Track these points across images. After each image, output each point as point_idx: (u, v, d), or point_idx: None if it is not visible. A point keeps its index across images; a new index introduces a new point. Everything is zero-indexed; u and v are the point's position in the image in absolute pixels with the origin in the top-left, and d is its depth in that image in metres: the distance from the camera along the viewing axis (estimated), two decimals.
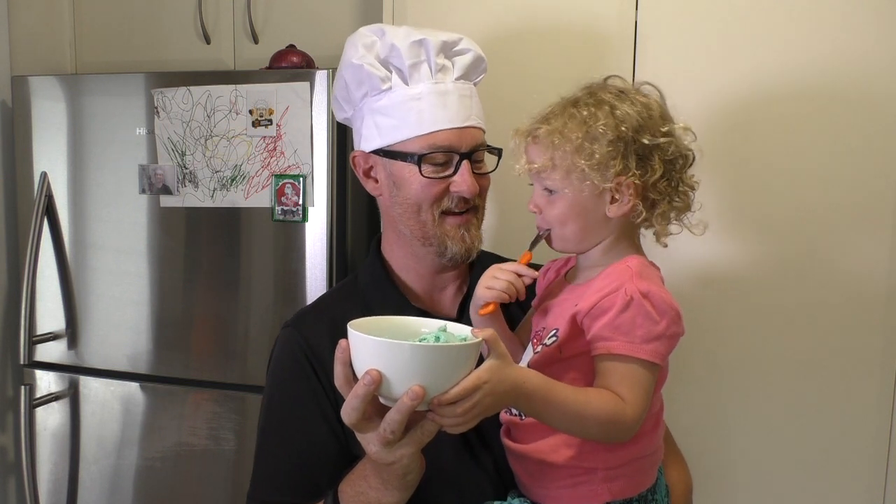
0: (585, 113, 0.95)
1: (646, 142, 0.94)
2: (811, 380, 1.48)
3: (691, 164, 0.99)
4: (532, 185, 1.01)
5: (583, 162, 0.93)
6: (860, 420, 1.45)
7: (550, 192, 0.97)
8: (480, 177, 1.12)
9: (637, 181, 0.93)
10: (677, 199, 0.98)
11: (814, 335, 1.47)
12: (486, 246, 1.30)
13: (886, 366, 1.43)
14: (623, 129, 0.93)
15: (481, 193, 1.13)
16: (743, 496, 1.53)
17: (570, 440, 0.94)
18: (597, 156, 0.92)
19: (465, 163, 1.09)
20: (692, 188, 0.99)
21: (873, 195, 1.41)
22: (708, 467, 1.24)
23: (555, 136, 0.95)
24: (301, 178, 1.70)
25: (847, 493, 1.47)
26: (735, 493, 1.53)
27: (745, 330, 1.50)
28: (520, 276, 0.99)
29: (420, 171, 1.08)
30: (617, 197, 0.95)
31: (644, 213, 0.96)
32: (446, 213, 1.11)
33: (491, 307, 1.00)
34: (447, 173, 1.09)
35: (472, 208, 1.12)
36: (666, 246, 1.01)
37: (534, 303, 1.09)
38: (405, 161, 1.09)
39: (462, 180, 1.08)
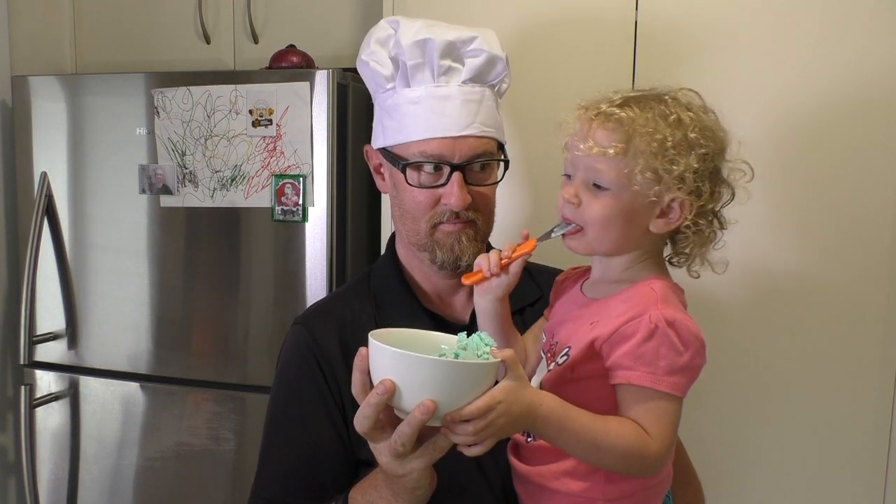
0: (673, 116, 0.86)
1: (723, 168, 0.88)
2: (811, 380, 1.48)
3: (730, 202, 0.92)
4: (568, 175, 0.91)
5: (661, 166, 0.84)
6: (860, 420, 1.45)
7: (599, 187, 0.87)
8: (481, 189, 1.06)
9: (700, 203, 0.86)
10: (712, 233, 0.91)
11: (814, 335, 1.47)
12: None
13: (886, 366, 1.43)
14: (712, 145, 0.86)
15: (480, 206, 1.07)
16: (742, 496, 1.53)
17: (571, 469, 0.90)
18: (681, 165, 0.84)
19: (455, 175, 1.03)
20: (724, 226, 0.92)
21: (873, 197, 1.41)
22: (708, 468, 1.23)
23: (637, 126, 0.85)
24: (301, 178, 1.70)
25: (847, 493, 1.48)
26: (735, 492, 1.53)
27: (746, 330, 1.50)
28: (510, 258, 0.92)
29: (405, 179, 1.05)
30: (668, 213, 0.88)
31: (691, 238, 0.90)
32: (439, 223, 1.06)
33: (476, 277, 0.93)
34: (438, 183, 1.04)
35: (469, 221, 1.06)
36: (698, 276, 0.94)
37: (546, 311, 1.04)
38: (395, 166, 1.07)
39: (451, 193, 1.03)
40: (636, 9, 1.49)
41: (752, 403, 1.51)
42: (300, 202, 1.71)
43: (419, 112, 1.04)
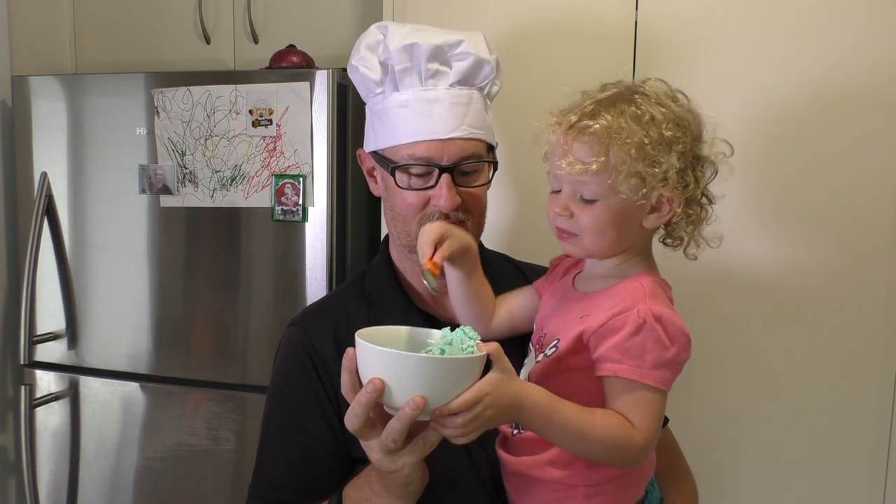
0: (645, 116, 0.87)
1: (702, 153, 0.89)
2: (810, 379, 1.48)
3: (713, 178, 0.93)
4: (557, 191, 0.92)
5: (643, 168, 0.85)
6: (860, 420, 1.45)
7: (587, 198, 0.89)
8: (470, 190, 1.08)
9: (688, 193, 0.88)
10: (703, 212, 0.93)
11: (813, 333, 1.47)
12: (509, 246, 1.27)
13: (886, 365, 1.43)
14: (685, 135, 0.87)
15: (470, 207, 1.08)
16: (742, 495, 1.53)
17: (554, 458, 0.92)
18: (662, 166, 0.86)
19: (444, 177, 1.04)
20: (712, 201, 0.94)
21: (873, 195, 1.41)
22: (703, 465, 1.24)
23: (613, 136, 0.86)
24: (301, 178, 1.70)
25: (847, 494, 1.48)
26: (734, 492, 1.54)
27: (746, 330, 1.50)
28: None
29: (395, 182, 1.07)
30: (659, 208, 0.89)
31: (684, 226, 0.91)
32: None
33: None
34: (427, 185, 1.06)
35: (459, 222, 1.07)
36: (696, 258, 0.95)
37: (536, 282, 1.06)
38: (385, 169, 1.09)
39: (440, 194, 1.04)
40: (636, 9, 1.49)
41: (750, 402, 1.51)
42: (300, 202, 1.71)
43: (407, 115, 1.06)
